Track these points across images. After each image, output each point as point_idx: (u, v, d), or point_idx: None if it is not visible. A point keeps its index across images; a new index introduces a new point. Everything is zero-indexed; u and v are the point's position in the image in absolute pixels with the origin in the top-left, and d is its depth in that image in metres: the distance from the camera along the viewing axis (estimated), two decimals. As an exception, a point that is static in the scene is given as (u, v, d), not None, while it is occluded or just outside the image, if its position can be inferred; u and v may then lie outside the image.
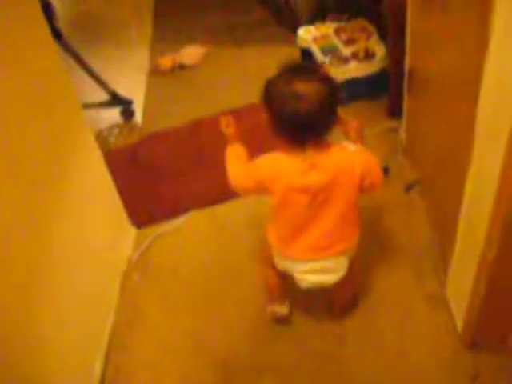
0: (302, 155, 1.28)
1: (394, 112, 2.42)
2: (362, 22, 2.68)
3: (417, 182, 2.10)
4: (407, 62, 2.06)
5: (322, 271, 1.43)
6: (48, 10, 2.06)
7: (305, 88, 1.21)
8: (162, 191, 2.26)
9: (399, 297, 1.76)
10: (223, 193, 2.18)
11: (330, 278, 1.46)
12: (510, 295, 1.42)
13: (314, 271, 1.44)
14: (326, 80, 1.27)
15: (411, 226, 1.96)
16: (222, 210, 2.16)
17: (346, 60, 2.47)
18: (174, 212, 2.16)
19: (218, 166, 2.28)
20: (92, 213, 1.77)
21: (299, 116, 1.22)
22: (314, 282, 1.46)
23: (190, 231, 2.09)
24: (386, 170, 2.09)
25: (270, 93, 1.29)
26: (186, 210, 2.16)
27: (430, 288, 1.76)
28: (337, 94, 1.27)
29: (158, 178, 2.33)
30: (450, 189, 1.62)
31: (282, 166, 1.31)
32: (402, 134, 2.29)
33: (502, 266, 1.33)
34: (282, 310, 1.67)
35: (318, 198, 1.31)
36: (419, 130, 2.06)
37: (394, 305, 1.73)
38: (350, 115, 1.48)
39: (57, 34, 2.16)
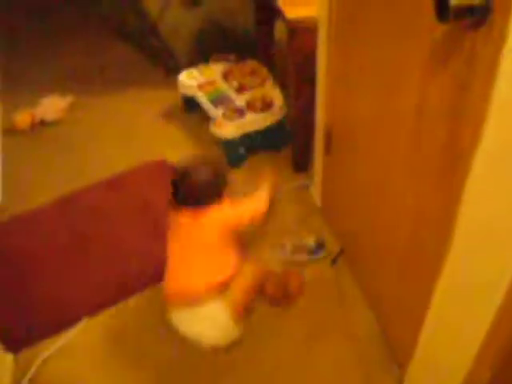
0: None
1: (300, 166, 2.17)
2: (252, 64, 2.39)
3: (342, 252, 1.85)
4: (320, 117, 1.80)
5: (204, 333, 1.53)
6: None
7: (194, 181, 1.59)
8: (38, 297, 1.79)
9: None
10: (120, 290, 1.79)
11: (218, 341, 1.56)
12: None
13: (199, 335, 1.54)
14: (211, 170, 1.63)
15: (347, 308, 1.70)
16: (119, 313, 1.75)
17: (241, 112, 2.16)
18: (58, 325, 1.72)
19: (105, 252, 1.91)
20: None
21: (183, 194, 1.60)
22: (207, 344, 1.56)
23: (83, 349, 1.66)
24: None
25: (177, 180, 1.61)
26: (74, 319, 1.73)
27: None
28: (217, 181, 1.63)
29: (30, 279, 1.85)
30: (405, 275, 1.38)
31: (173, 220, 1.64)
32: (316, 194, 2.04)
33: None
34: None
35: (186, 231, 1.60)
36: (340, 192, 1.81)
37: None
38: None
39: None
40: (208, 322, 1.52)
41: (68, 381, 1.60)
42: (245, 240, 1.78)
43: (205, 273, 1.55)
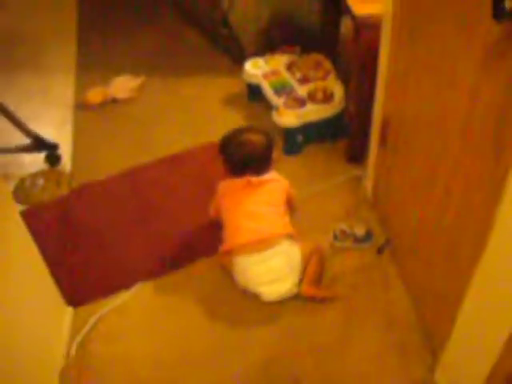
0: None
1: (354, 158, 2.23)
2: (316, 57, 2.46)
3: (388, 242, 1.91)
4: (378, 109, 1.86)
5: (277, 273, 1.68)
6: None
7: (247, 147, 1.80)
8: (101, 259, 1.94)
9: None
10: (176, 259, 1.91)
11: (288, 285, 1.70)
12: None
13: (272, 276, 1.68)
14: (265, 138, 1.83)
15: (388, 296, 1.76)
16: (174, 280, 1.86)
17: (302, 102, 2.24)
18: (117, 285, 1.85)
19: (165, 224, 2.03)
20: (9, 295, 1.40)
21: (242, 161, 1.79)
22: (274, 292, 1.70)
23: (138, 310, 1.79)
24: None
25: (223, 147, 1.84)
26: (133, 281, 1.85)
27: (416, 373, 1.57)
28: (271, 148, 1.84)
29: (95, 241, 2.00)
30: (444, 269, 1.43)
31: (231, 184, 1.82)
32: (368, 186, 2.10)
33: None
34: None
35: (258, 191, 1.77)
36: (391, 185, 1.87)
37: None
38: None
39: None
40: (283, 257, 1.69)
41: (119, 337, 1.72)
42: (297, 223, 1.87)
43: (275, 225, 1.74)
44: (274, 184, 1.81)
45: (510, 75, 0.98)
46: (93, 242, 2.00)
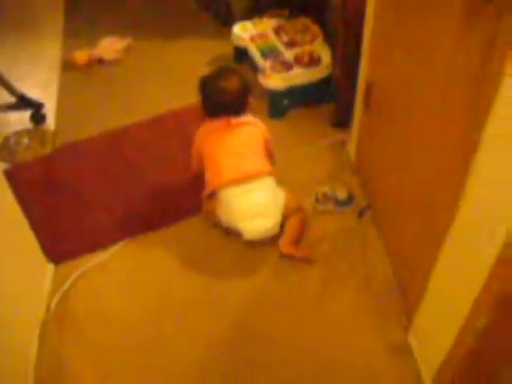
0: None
1: (340, 122, 2.24)
2: (304, 21, 2.44)
3: (369, 206, 1.92)
4: (363, 73, 1.86)
5: (260, 208, 1.73)
6: None
7: (225, 85, 1.81)
8: (83, 217, 1.95)
9: (360, 345, 1.58)
10: (156, 219, 1.92)
11: (269, 222, 1.74)
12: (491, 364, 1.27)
13: (255, 210, 1.72)
14: (241, 82, 1.83)
15: (367, 258, 1.78)
16: (154, 239, 1.88)
17: (288, 65, 2.23)
18: (98, 243, 1.86)
19: (147, 183, 2.03)
20: None
21: (218, 103, 1.82)
22: (255, 227, 1.73)
23: (118, 268, 1.80)
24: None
25: (202, 87, 1.84)
26: (113, 240, 1.87)
27: (391, 335, 1.59)
28: (249, 90, 1.86)
29: (77, 199, 2.01)
30: (420, 232, 1.45)
31: (211, 125, 1.83)
32: (351, 150, 2.11)
33: (492, 338, 1.17)
34: None
35: (239, 130, 1.81)
36: (374, 149, 1.88)
37: (355, 356, 1.55)
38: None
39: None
40: (268, 191, 1.76)
41: (99, 293, 1.74)
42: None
43: (257, 163, 1.78)
44: (252, 127, 1.85)
45: (485, 33, 0.98)
46: (75, 200, 2.01)
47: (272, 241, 1.80)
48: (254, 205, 1.72)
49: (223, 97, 1.80)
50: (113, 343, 1.61)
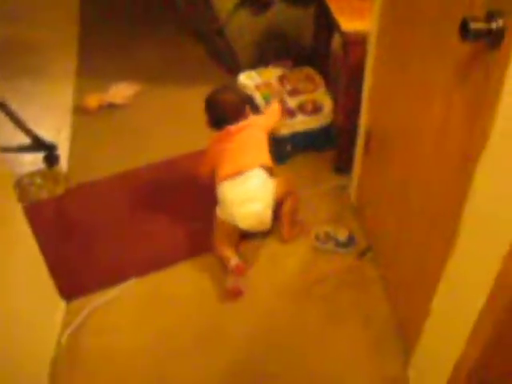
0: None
1: (341, 168, 2.33)
2: (307, 71, 2.57)
3: (369, 248, 2.00)
4: (363, 120, 1.97)
5: (250, 194, 1.92)
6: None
7: (222, 98, 2.08)
8: (95, 255, 2.03)
9: (359, 379, 1.64)
10: (167, 257, 2.00)
11: (259, 206, 1.92)
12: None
13: (245, 196, 1.92)
14: (236, 96, 2.13)
15: (368, 298, 1.86)
16: (166, 277, 1.95)
17: (292, 113, 2.35)
18: (109, 280, 1.93)
19: (158, 223, 2.12)
20: (7, 284, 1.49)
21: (218, 117, 2.06)
22: (247, 213, 1.92)
23: (128, 305, 1.87)
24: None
25: (205, 103, 2.09)
26: (124, 278, 1.94)
27: (390, 370, 1.66)
28: (244, 100, 2.14)
29: (89, 238, 2.09)
30: (418, 272, 1.53)
31: (216, 137, 2.07)
32: (352, 194, 2.20)
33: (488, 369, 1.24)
34: (235, 261, 1.89)
35: (238, 136, 2.02)
36: (373, 193, 1.97)
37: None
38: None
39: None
40: (258, 179, 1.96)
41: (110, 330, 1.80)
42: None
43: (258, 157, 2.02)
44: (250, 128, 2.05)
45: (475, 90, 1.09)
46: (87, 238, 2.09)
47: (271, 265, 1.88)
48: (244, 192, 1.92)
49: (221, 108, 2.05)
50: (122, 381, 1.67)
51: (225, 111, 2.05)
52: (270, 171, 2.04)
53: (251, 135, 2.05)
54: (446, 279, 1.30)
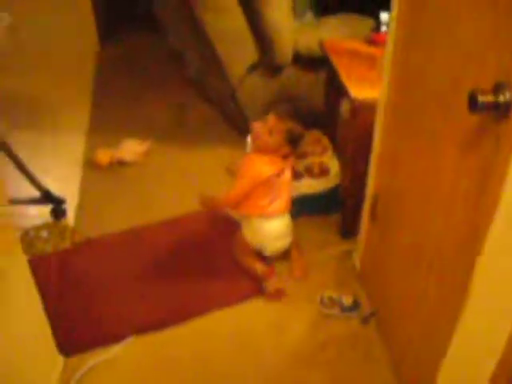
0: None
1: (347, 232, 2.33)
2: (315, 134, 2.61)
3: (374, 313, 1.98)
4: (370, 185, 1.98)
5: (285, 230, 2.16)
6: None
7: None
8: (96, 311, 2.01)
9: None
10: (168, 317, 1.98)
11: (289, 241, 2.17)
12: None
13: (280, 232, 2.14)
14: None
15: (372, 363, 1.82)
16: (166, 338, 1.92)
17: (299, 175, 2.37)
18: (109, 338, 1.90)
19: (161, 283, 2.11)
20: (8, 336, 1.46)
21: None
22: (279, 246, 2.17)
23: (126, 364, 1.83)
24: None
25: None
26: (124, 336, 1.91)
27: None
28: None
29: (91, 295, 2.08)
30: (423, 340, 1.51)
31: (268, 161, 2.12)
32: (357, 259, 2.19)
33: None
34: (261, 268, 2.12)
35: (287, 172, 2.14)
36: (379, 259, 1.96)
37: None
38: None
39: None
40: (288, 219, 2.16)
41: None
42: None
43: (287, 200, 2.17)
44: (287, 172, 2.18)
45: (484, 160, 1.10)
46: (90, 294, 2.07)
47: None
48: (284, 229, 2.14)
49: (302, 136, 2.21)
50: None
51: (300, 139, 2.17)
52: None
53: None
54: (455, 346, 1.28)
